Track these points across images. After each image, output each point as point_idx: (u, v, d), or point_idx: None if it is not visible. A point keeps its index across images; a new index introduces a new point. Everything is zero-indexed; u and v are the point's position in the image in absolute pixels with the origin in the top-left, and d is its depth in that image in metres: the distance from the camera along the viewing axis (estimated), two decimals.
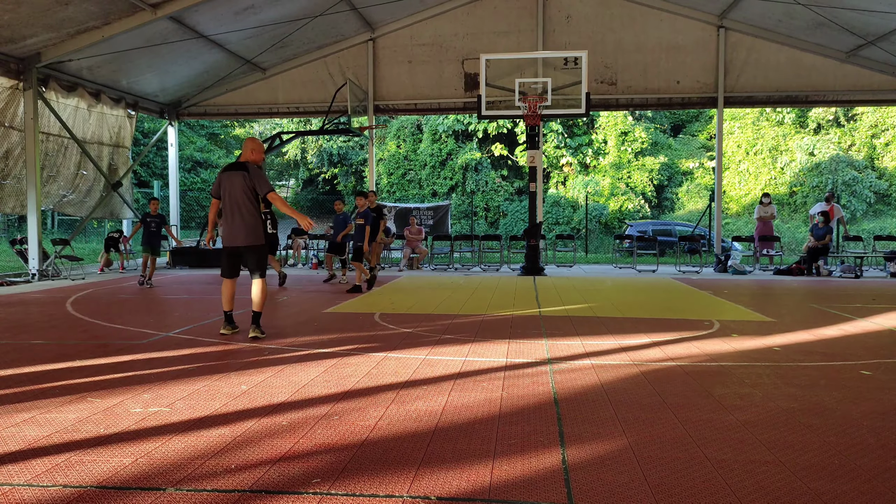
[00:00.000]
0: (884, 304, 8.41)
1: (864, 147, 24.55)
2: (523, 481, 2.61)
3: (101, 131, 14.20)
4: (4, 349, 5.27)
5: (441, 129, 26.11)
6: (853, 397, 3.87)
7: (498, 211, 26.06)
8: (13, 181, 11.88)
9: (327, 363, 4.77)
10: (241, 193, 5.72)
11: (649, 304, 8.33)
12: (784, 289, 10.49)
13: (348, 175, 30.00)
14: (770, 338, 5.84)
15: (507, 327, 6.44)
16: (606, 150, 26.20)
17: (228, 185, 5.79)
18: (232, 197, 5.75)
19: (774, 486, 2.58)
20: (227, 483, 2.59)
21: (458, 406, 3.67)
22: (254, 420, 3.40)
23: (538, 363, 4.79)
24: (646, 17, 14.81)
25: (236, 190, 5.73)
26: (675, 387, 4.09)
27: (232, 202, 5.75)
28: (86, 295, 9.28)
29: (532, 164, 13.40)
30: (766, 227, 14.64)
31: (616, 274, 13.49)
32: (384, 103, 15.87)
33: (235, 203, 5.73)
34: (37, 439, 3.09)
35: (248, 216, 5.75)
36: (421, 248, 15.17)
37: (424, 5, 15.05)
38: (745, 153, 26.07)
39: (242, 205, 5.73)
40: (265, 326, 6.04)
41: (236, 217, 5.75)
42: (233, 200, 5.75)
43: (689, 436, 3.16)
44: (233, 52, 14.19)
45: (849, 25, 12.79)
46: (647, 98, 15.12)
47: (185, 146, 28.99)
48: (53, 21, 10.34)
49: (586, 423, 3.37)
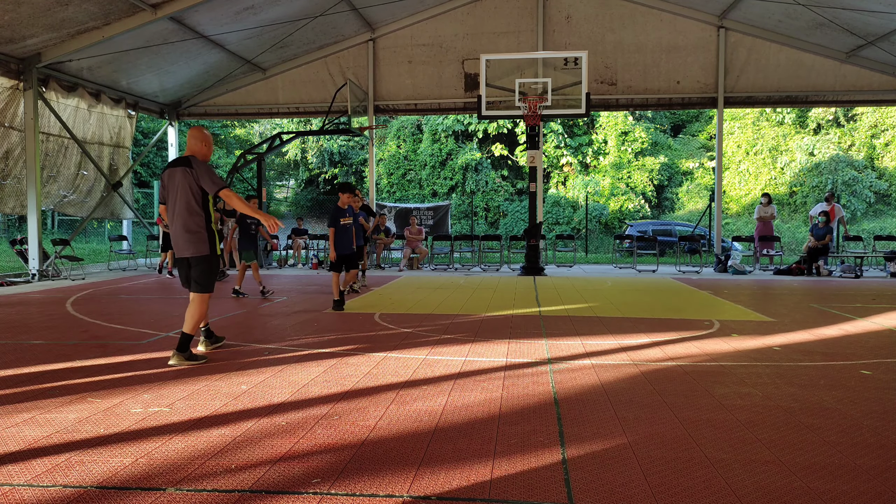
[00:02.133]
0: (884, 304, 8.41)
1: (864, 147, 24.56)
2: (523, 481, 2.61)
3: (102, 131, 14.21)
4: (4, 349, 5.27)
5: (441, 130, 26.12)
6: (853, 397, 3.87)
7: (498, 211, 26.07)
8: (13, 181, 11.88)
9: (327, 363, 4.77)
10: (182, 193, 4.76)
11: (649, 304, 8.33)
12: (784, 289, 10.49)
13: (348, 175, 30.00)
14: (770, 338, 5.84)
15: (507, 327, 6.44)
16: (606, 150, 26.21)
17: (170, 184, 4.84)
18: (173, 198, 4.81)
19: (774, 485, 2.58)
20: (227, 483, 2.59)
21: (458, 406, 3.67)
22: (254, 420, 3.40)
23: (538, 363, 4.79)
24: (646, 17, 14.82)
25: (178, 189, 4.77)
26: (675, 387, 4.09)
27: (172, 203, 4.82)
28: (86, 295, 9.28)
29: (532, 164, 13.40)
30: (766, 228, 14.64)
31: (616, 274, 13.48)
32: (384, 103, 15.87)
33: (175, 204, 4.80)
34: (37, 439, 3.09)
35: (189, 221, 4.77)
36: (421, 248, 15.17)
37: (424, 5, 15.05)
38: (745, 153, 26.07)
39: (185, 207, 4.76)
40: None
41: (177, 222, 4.80)
42: (173, 201, 4.81)
43: (689, 435, 3.16)
44: (233, 52, 14.19)
45: (849, 25, 12.79)
46: (647, 98, 15.12)
47: (185, 146, 28.96)
48: (53, 21, 10.34)
49: (586, 423, 3.37)
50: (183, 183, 4.75)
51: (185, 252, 4.81)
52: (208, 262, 4.83)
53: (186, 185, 4.74)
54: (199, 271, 4.82)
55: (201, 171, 4.76)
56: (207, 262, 4.82)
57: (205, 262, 4.81)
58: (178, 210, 4.77)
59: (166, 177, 4.87)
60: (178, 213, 4.78)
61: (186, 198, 4.75)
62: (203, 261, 4.81)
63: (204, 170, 4.78)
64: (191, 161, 4.81)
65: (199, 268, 4.81)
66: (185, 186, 4.75)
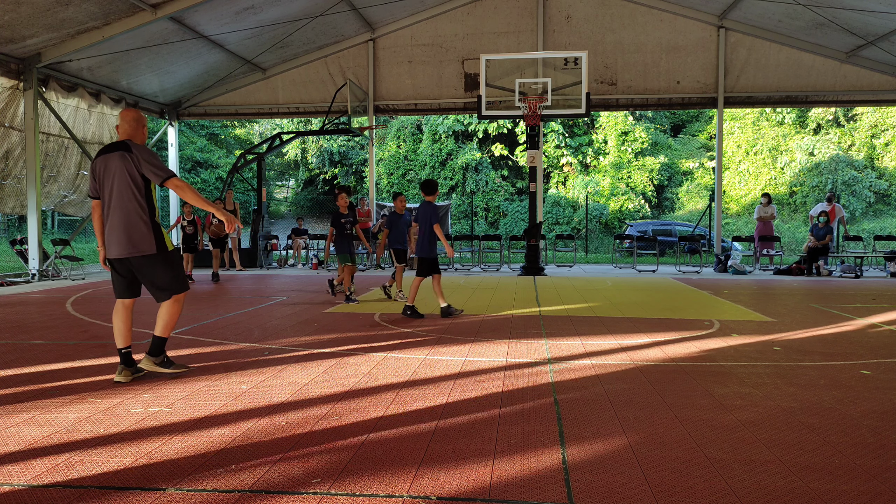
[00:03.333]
0: (884, 304, 8.41)
1: (864, 147, 24.57)
2: (523, 481, 2.61)
3: (102, 131, 14.21)
4: (4, 349, 5.27)
5: (441, 130, 26.13)
6: (853, 397, 3.86)
7: (498, 211, 26.09)
8: (13, 181, 11.89)
9: (327, 363, 4.76)
10: (120, 182, 4.05)
11: (649, 304, 8.33)
12: (784, 289, 10.49)
13: (348, 175, 30.02)
14: (770, 338, 5.84)
15: (507, 327, 6.44)
16: (607, 150, 26.21)
17: (104, 174, 4.10)
18: (110, 188, 4.08)
19: (774, 485, 2.58)
20: (227, 483, 2.59)
21: (458, 406, 3.67)
22: (254, 420, 3.40)
23: (538, 363, 4.79)
24: (646, 17, 14.82)
25: (114, 177, 4.06)
26: (675, 387, 4.09)
27: (110, 195, 4.09)
28: (86, 295, 9.28)
29: (532, 164, 13.40)
30: (766, 227, 14.65)
31: (616, 274, 13.48)
32: (384, 103, 15.88)
33: (112, 195, 4.08)
34: (37, 439, 3.09)
35: (131, 213, 4.06)
36: None
37: (424, 5, 15.06)
38: (745, 153, 26.08)
39: (125, 198, 4.05)
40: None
41: (115, 216, 4.08)
42: (110, 192, 4.08)
43: (689, 435, 3.16)
44: (233, 52, 14.20)
45: (849, 26, 12.79)
46: (647, 98, 15.12)
47: (186, 146, 29.01)
48: (53, 21, 10.34)
49: (586, 423, 3.37)
50: (121, 170, 4.04)
51: (126, 251, 4.06)
52: (162, 261, 4.12)
53: (126, 172, 4.04)
54: (153, 271, 4.11)
55: (143, 156, 4.06)
56: (159, 261, 4.11)
57: (156, 262, 4.10)
58: (116, 202, 4.06)
59: (99, 166, 4.11)
60: (116, 206, 4.06)
61: (127, 187, 4.05)
62: (151, 261, 4.09)
63: (146, 155, 4.08)
64: (129, 145, 4.10)
65: (151, 267, 4.10)
66: (123, 174, 4.04)
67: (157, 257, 4.10)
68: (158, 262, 4.11)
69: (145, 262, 4.09)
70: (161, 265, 4.12)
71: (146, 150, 4.13)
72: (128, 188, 4.04)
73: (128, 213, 4.05)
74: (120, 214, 4.05)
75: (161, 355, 4.31)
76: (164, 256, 4.13)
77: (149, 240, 4.07)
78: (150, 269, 4.11)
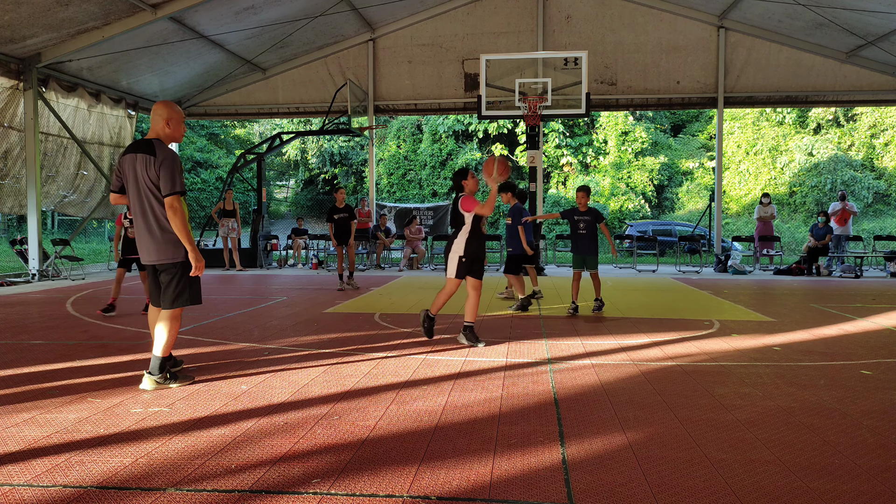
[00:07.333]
0: (884, 304, 8.41)
1: (864, 147, 24.57)
2: (523, 481, 2.61)
3: (102, 131, 14.21)
4: (4, 349, 5.27)
5: (441, 130, 26.13)
6: (853, 397, 3.87)
7: (498, 211, 26.07)
8: (12, 181, 11.88)
9: (327, 363, 4.77)
10: (144, 186, 3.91)
11: (649, 304, 8.33)
12: (784, 289, 10.49)
13: (348, 175, 30.02)
14: (770, 337, 5.84)
15: (507, 327, 6.44)
16: (607, 150, 26.21)
17: (130, 174, 3.96)
18: (134, 191, 3.97)
19: (774, 485, 2.58)
20: (227, 483, 2.59)
21: (458, 406, 3.67)
22: (254, 420, 3.40)
23: (538, 363, 4.79)
24: (646, 17, 14.82)
25: (138, 180, 3.93)
26: (675, 386, 4.09)
27: (134, 198, 3.98)
28: (86, 295, 9.28)
29: (532, 164, 13.40)
30: (766, 227, 14.65)
31: (616, 274, 13.48)
32: (384, 103, 15.87)
33: (138, 199, 3.95)
34: (37, 439, 3.09)
35: (155, 219, 3.94)
36: (420, 248, 15.17)
37: (424, 5, 15.05)
38: (745, 153, 26.08)
39: (147, 202, 3.93)
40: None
41: (140, 221, 3.98)
42: (135, 196, 3.97)
43: (688, 435, 3.16)
44: (233, 52, 14.19)
45: (849, 26, 12.79)
46: (647, 98, 15.12)
47: (186, 146, 29.01)
48: (53, 21, 10.34)
49: (586, 423, 3.37)
50: (143, 173, 3.89)
51: (154, 258, 3.99)
52: (179, 270, 3.98)
53: (147, 177, 3.89)
54: (170, 280, 3.98)
55: (165, 163, 3.87)
56: (179, 269, 3.98)
57: (176, 270, 3.98)
58: (138, 208, 3.96)
59: (126, 163, 3.98)
60: (138, 211, 3.96)
61: (149, 192, 3.91)
62: (174, 268, 3.98)
63: (166, 162, 3.87)
64: (154, 147, 3.92)
65: (170, 276, 3.98)
66: (145, 179, 3.89)
67: (177, 267, 3.99)
68: (174, 270, 3.99)
69: (169, 268, 4.00)
70: (174, 273, 3.99)
71: (169, 155, 3.92)
72: (149, 193, 3.91)
73: (151, 220, 3.94)
74: (143, 221, 3.96)
75: (164, 372, 4.12)
76: (181, 267, 4.00)
77: (175, 248, 3.96)
78: (168, 275, 4.00)
